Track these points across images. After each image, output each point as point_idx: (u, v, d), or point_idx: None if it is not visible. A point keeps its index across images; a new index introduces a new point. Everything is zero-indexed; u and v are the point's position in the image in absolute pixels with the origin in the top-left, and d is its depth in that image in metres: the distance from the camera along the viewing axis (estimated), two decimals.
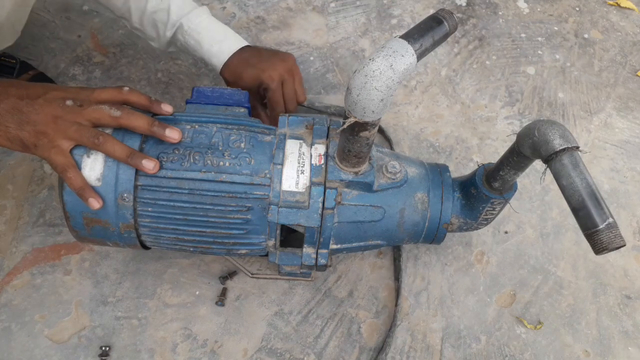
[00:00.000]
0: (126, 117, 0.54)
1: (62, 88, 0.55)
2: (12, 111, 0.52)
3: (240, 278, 0.73)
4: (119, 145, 0.53)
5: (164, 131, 0.55)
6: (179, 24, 0.72)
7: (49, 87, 0.55)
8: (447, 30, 0.50)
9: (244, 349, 0.68)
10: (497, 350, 0.70)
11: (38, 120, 0.52)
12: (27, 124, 0.52)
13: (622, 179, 0.85)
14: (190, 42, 0.73)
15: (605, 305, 0.74)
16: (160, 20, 0.73)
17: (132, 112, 0.54)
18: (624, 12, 1.06)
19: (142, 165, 0.54)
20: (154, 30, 0.74)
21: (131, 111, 0.55)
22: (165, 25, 0.73)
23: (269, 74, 0.71)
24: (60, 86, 0.56)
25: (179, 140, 0.56)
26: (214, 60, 0.73)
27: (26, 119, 0.52)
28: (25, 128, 0.52)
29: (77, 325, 0.68)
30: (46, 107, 0.52)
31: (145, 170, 0.54)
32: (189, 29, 0.72)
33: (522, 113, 0.91)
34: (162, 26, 0.73)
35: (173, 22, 0.72)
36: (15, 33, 0.70)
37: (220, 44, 0.72)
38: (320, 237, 0.59)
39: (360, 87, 0.47)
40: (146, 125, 0.54)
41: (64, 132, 0.53)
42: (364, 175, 0.58)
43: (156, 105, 0.58)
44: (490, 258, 0.77)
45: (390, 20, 1.00)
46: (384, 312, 0.72)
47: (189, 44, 0.73)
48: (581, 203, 0.45)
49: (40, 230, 0.74)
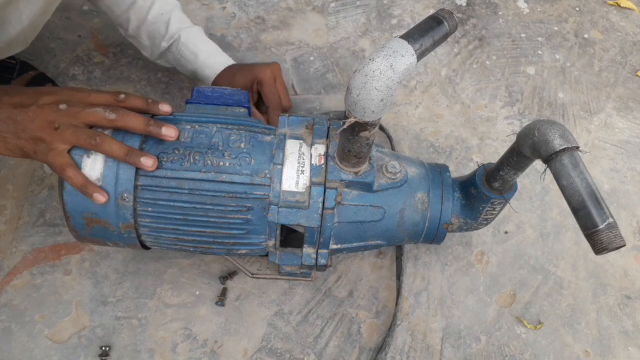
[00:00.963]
0: (122, 119, 0.54)
1: (55, 91, 0.55)
2: (7, 121, 0.52)
3: (240, 278, 0.73)
4: (117, 144, 0.53)
5: (161, 129, 0.55)
6: (177, 37, 0.76)
7: (41, 92, 0.55)
8: (447, 30, 0.50)
9: (244, 349, 0.68)
10: (497, 350, 0.70)
11: (33, 128, 0.52)
12: (23, 132, 0.52)
13: (622, 179, 0.85)
14: (186, 54, 0.76)
15: (605, 305, 0.74)
16: (158, 31, 0.76)
17: (127, 113, 0.54)
18: (624, 12, 1.06)
19: (140, 163, 0.54)
20: (149, 40, 0.77)
21: (126, 112, 0.55)
22: (163, 36, 0.76)
23: (262, 69, 0.74)
24: (53, 89, 0.56)
25: (176, 138, 0.56)
26: (207, 71, 0.76)
27: (22, 127, 0.52)
28: (22, 136, 0.52)
29: (77, 325, 0.68)
30: (40, 114, 0.52)
31: (144, 167, 0.54)
32: (187, 41, 0.76)
33: (522, 113, 0.91)
34: (159, 37, 0.76)
35: (171, 35, 0.75)
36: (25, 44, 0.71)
37: (216, 57, 0.76)
38: (320, 237, 0.59)
39: (360, 87, 0.47)
40: (142, 125, 0.55)
41: (60, 136, 0.53)
42: (364, 175, 0.58)
43: (154, 106, 0.58)
44: (490, 258, 0.77)
45: (390, 20, 1.00)
46: (384, 312, 0.72)
47: (184, 55, 0.76)
48: (581, 203, 0.45)
49: (40, 230, 0.74)
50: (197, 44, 0.76)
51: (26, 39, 0.70)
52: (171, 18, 0.75)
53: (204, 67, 0.76)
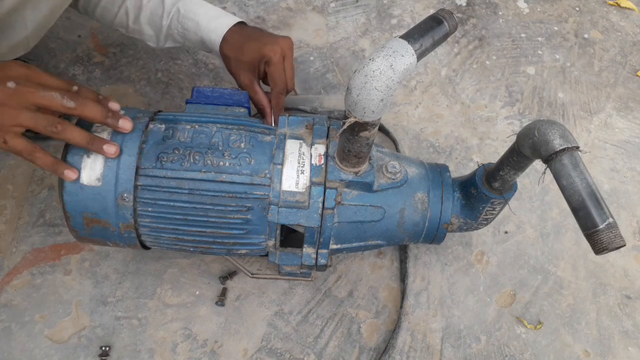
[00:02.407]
0: (80, 108, 0.52)
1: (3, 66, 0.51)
2: None
3: (240, 278, 0.73)
4: (79, 132, 0.53)
5: (118, 122, 0.55)
6: (175, 10, 0.72)
7: None
8: (447, 30, 0.50)
9: (244, 349, 0.68)
10: (497, 350, 0.70)
11: None
12: None
13: (622, 179, 0.85)
14: (188, 24, 0.72)
15: (605, 305, 0.74)
16: (156, 12, 0.73)
17: (86, 103, 0.53)
18: (624, 12, 1.06)
19: (103, 150, 0.53)
20: (150, 26, 0.75)
21: (85, 101, 0.53)
22: (161, 15, 0.73)
23: (272, 47, 0.69)
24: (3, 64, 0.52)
25: (131, 131, 0.55)
26: (212, 36, 0.71)
27: None
28: None
29: (77, 325, 0.68)
30: None
31: (107, 154, 0.54)
32: (185, 11, 0.72)
33: (522, 113, 0.91)
34: (158, 18, 0.73)
35: (169, 10, 0.72)
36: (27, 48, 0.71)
37: (218, 20, 0.72)
38: (320, 237, 0.59)
39: (360, 87, 0.47)
40: (101, 116, 0.53)
41: (14, 119, 0.50)
42: (364, 175, 0.58)
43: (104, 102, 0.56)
44: (490, 258, 0.77)
45: (390, 20, 1.00)
46: (384, 312, 0.72)
47: (187, 26, 0.72)
48: (581, 203, 0.45)
49: (40, 230, 0.74)
50: (196, 10, 0.72)
51: (29, 44, 0.69)
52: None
53: (208, 31, 0.71)
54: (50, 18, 0.68)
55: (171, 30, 0.74)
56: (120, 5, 0.74)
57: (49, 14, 0.67)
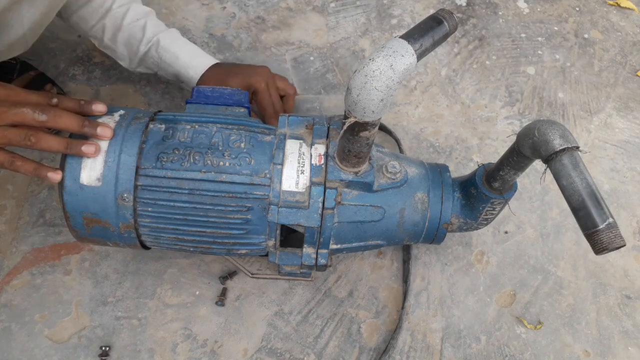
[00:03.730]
0: (54, 120, 0.52)
1: None
2: None
3: (240, 278, 0.73)
4: (54, 139, 0.53)
5: (96, 130, 0.54)
6: (155, 40, 0.74)
7: None
8: (447, 30, 0.50)
9: (244, 349, 0.68)
10: (497, 350, 0.70)
11: None
12: None
13: (622, 179, 0.85)
14: (166, 56, 0.74)
15: (605, 305, 0.74)
16: (134, 36, 0.74)
17: (60, 114, 0.53)
18: (624, 12, 1.06)
19: (82, 152, 0.53)
20: (126, 47, 0.76)
21: (60, 112, 0.53)
22: (140, 41, 0.74)
23: (256, 78, 0.73)
24: None
25: (111, 137, 0.55)
26: (190, 72, 0.74)
27: None
28: None
29: (77, 325, 0.68)
30: None
31: (87, 155, 0.53)
32: (166, 44, 0.74)
33: (522, 113, 0.91)
34: (136, 42, 0.75)
35: (149, 38, 0.74)
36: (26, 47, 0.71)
37: (198, 58, 0.75)
38: (320, 237, 0.59)
39: (360, 87, 0.47)
40: (77, 126, 0.53)
41: None
42: (364, 175, 0.58)
43: (87, 107, 0.56)
44: (490, 258, 0.77)
45: (390, 20, 1.00)
46: (384, 312, 0.72)
47: (164, 58, 0.74)
48: (581, 203, 0.45)
49: (40, 230, 0.74)
50: (177, 45, 0.75)
51: (27, 42, 0.70)
52: (147, 22, 0.74)
53: (187, 67, 0.74)
54: (48, 15, 0.69)
55: (147, 57, 0.76)
56: (99, 19, 0.74)
57: (46, 11, 0.67)
